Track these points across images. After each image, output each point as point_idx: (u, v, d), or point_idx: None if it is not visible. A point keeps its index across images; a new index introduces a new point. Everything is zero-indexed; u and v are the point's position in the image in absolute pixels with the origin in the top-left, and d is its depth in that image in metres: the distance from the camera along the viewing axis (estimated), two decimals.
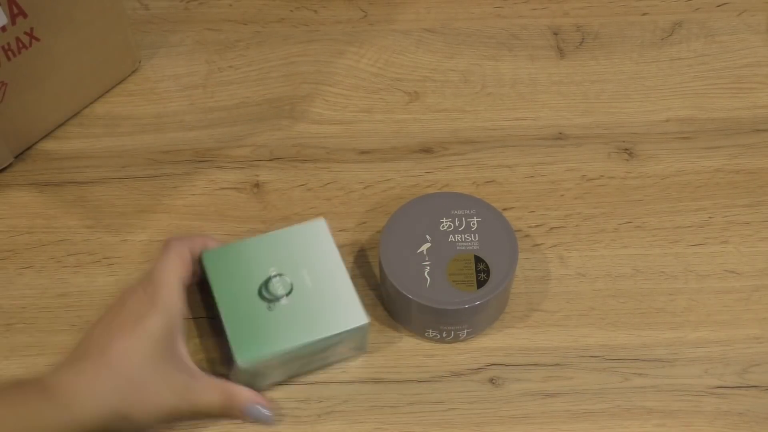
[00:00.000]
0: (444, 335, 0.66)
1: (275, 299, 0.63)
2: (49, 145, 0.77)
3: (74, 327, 0.67)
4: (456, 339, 0.67)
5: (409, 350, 0.67)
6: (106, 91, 0.80)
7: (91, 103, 0.79)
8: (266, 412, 0.61)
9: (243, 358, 0.61)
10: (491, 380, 0.66)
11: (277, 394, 0.65)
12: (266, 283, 0.63)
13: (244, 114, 0.79)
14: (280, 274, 0.64)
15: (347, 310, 0.63)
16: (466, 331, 0.66)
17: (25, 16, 0.68)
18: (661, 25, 0.83)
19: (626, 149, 0.76)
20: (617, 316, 0.68)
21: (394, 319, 0.68)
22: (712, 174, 0.75)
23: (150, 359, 0.58)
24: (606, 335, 0.67)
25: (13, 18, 0.67)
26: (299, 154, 0.76)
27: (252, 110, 0.79)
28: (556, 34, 0.83)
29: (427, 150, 0.76)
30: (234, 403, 0.60)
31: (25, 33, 0.69)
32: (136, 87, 0.80)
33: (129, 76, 0.81)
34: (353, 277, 0.65)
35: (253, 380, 0.63)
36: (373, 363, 0.66)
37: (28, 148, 0.76)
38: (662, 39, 0.83)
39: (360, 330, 0.63)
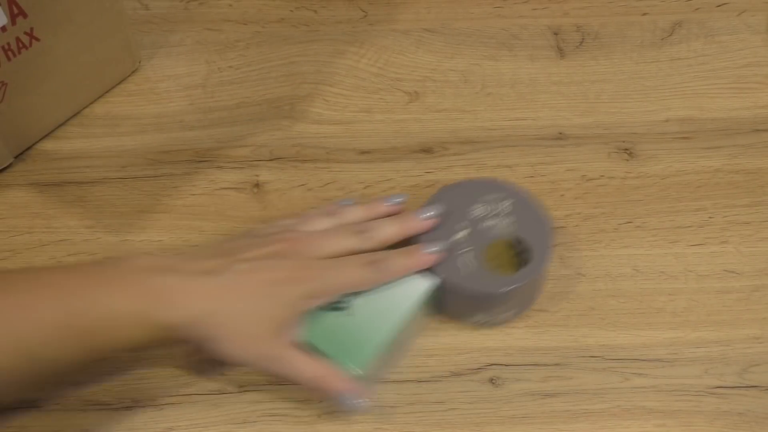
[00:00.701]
0: (491, 318, 0.67)
1: (349, 303, 0.63)
2: (49, 145, 0.77)
3: None
4: (504, 321, 0.67)
5: (409, 350, 0.67)
6: (106, 91, 0.80)
7: (91, 103, 0.79)
8: (357, 402, 0.62)
9: (358, 367, 0.61)
10: (491, 380, 0.66)
11: (278, 394, 0.65)
12: None
13: (244, 114, 0.79)
14: None
15: (413, 277, 0.64)
16: (513, 311, 0.67)
17: (25, 16, 0.68)
18: (661, 25, 0.83)
19: (626, 149, 0.76)
20: (617, 316, 0.68)
21: (440, 311, 0.68)
22: (712, 174, 0.75)
23: (270, 312, 0.60)
24: (606, 335, 0.67)
25: (13, 18, 0.67)
26: (299, 154, 0.76)
27: (252, 110, 0.79)
28: (556, 34, 0.83)
29: (427, 150, 0.76)
30: (324, 389, 0.61)
31: (25, 33, 0.69)
32: (136, 87, 0.80)
33: (129, 76, 0.81)
34: None
35: (366, 384, 0.63)
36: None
37: (28, 148, 0.76)
38: (662, 39, 0.83)
39: (433, 290, 0.64)
